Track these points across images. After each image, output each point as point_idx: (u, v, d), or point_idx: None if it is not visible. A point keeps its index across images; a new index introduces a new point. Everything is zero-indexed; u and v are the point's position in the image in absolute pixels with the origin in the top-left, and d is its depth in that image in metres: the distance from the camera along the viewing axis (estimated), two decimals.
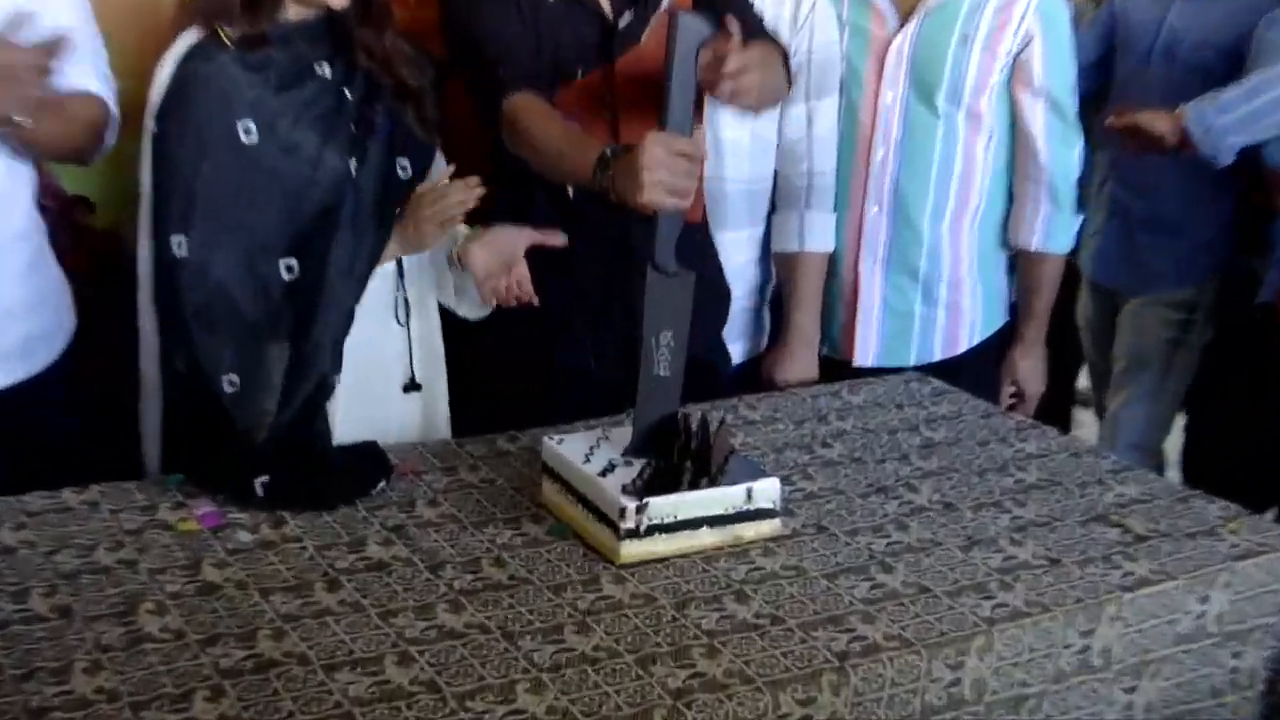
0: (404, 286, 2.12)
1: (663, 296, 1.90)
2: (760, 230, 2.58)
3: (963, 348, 2.67)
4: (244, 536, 1.80)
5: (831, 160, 2.51)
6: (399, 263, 2.09)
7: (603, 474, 1.83)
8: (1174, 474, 3.22)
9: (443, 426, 2.23)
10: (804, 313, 2.53)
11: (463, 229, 2.08)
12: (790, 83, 2.26)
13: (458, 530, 1.85)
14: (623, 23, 2.17)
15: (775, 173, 2.53)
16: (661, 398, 1.93)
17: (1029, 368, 2.69)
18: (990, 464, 2.15)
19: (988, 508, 1.99)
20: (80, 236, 2.32)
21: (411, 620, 1.62)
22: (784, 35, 2.38)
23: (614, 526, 1.77)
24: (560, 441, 1.92)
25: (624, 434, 1.94)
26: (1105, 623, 1.74)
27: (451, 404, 2.26)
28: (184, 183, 1.91)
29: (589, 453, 1.88)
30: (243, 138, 1.91)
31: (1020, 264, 2.67)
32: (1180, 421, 3.35)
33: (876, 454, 2.17)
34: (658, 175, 1.81)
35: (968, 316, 2.65)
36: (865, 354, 2.62)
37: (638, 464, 1.86)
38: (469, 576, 1.72)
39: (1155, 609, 1.78)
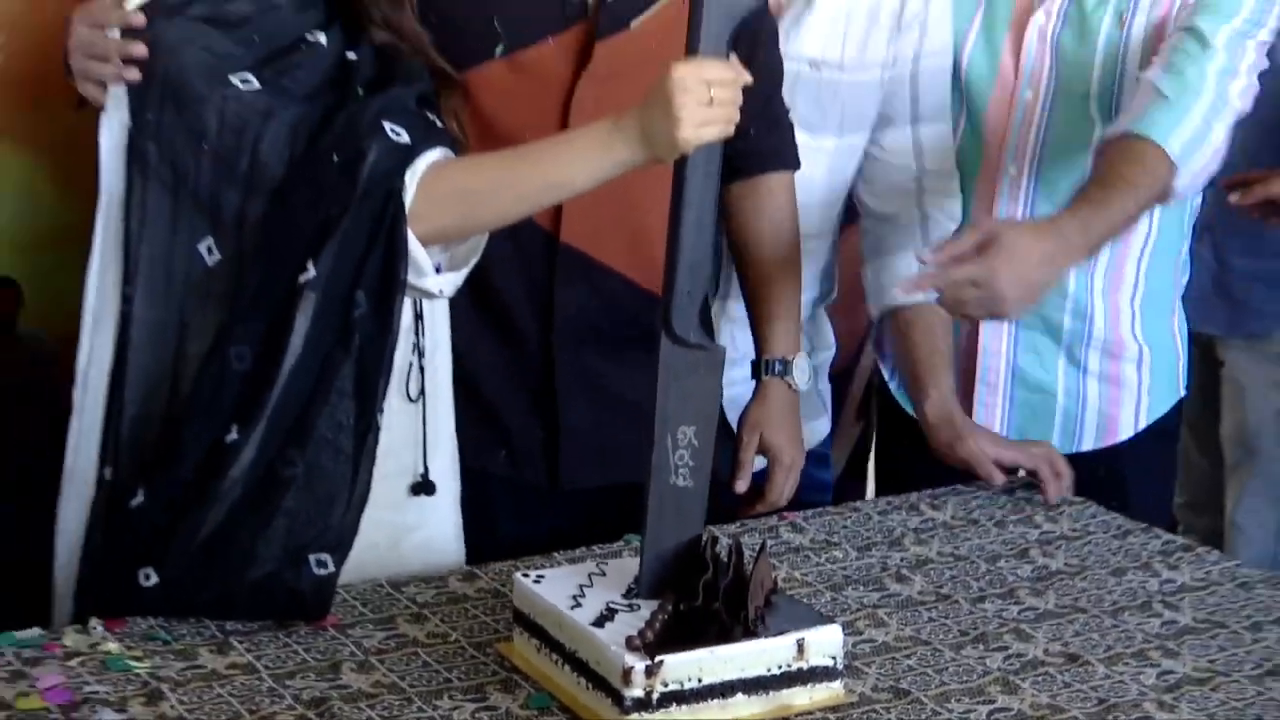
0: (424, 344, 2.20)
1: (682, 377, 1.94)
2: (814, 293, 2.73)
3: (1125, 434, 2.73)
4: (108, 716, 1.81)
5: (956, 203, 2.63)
6: (417, 311, 2.17)
7: (599, 623, 1.85)
8: None
9: (450, 543, 2.30)
10: (936, 373, 2.63)
11: None
12: None
13: (399, 704, 1.86)
14: None
15: (862, 212, 2.69)
16: (679, 517, 1.96)
17: None
18: (1129, 600, 2.19)
19: (1127, 660, 2.02)
20: None
21: None
22: (883, 37, 2.55)
23: (616, 695, 1.79)
24: (538, 579, 1.95)
25: (627, 568, 1.98)
26: None
27: None
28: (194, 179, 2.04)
29: (579, 594, 1.91)
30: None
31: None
32: None
33: (972, 590, 2.21)
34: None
35: (1132, 394, 2.72)
36: None
37: (646, 609, 1.88)
38: None
39: None
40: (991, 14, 2.64)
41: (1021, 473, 2.64)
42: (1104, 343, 2.70)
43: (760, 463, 2.58)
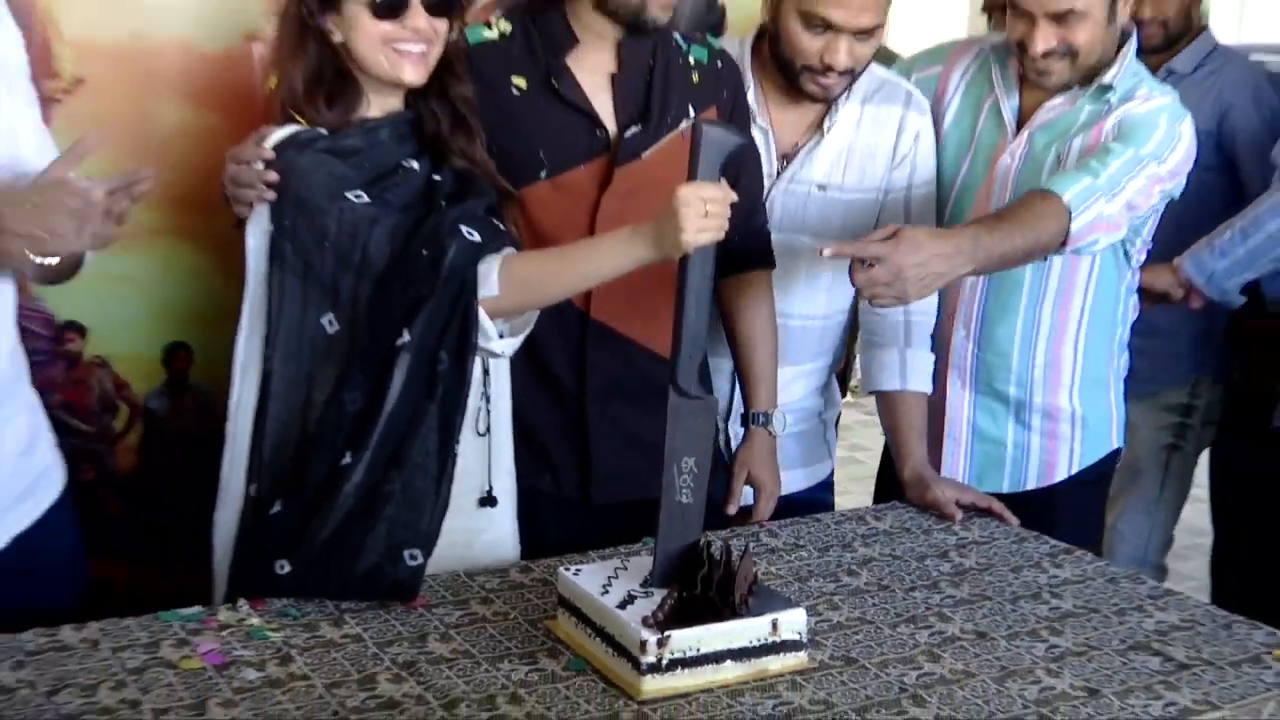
0: (491, 392, 2.18)
1: (685, 420, 1.95)
2: (827, 361, 2.68)
3: (1060, 476, 2.69)
4: (250, 674, 1.81)
5: (932, 301, 2.56)
6: (485, 367, 2.15)
7: (622, 606, 1.84)
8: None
9: (509, 541, 2.27)
10: (912, 444, 2.58)
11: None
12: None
13: (471, 666, 1.85)
14: (627, 135, 2.29)
15: (859, 308, 2.62)
16: (683, 526, 1.95)
17: None
18: (1024, 591, 2.17)
19: (1022, 637, 2.00)
20: (72, 366, 2.40)
21: None
22: (880, 169, 2.52)
23: (634, 661, 1.78)
24: (577, 572, 1.94)
25: (643, 564, 1.96)
26: None
27: None
28: (319, 269, 2.03)
29: (607, 584, 1.90)
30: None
31: None
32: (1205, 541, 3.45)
33: (905, 582, 2.19)
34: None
35: (1065, 445, 2.68)
36: (955, 478, 2.64)
37: (658, 595, 1.87)
38: (484, 715, 1.72)
39: None
40: (975, 156, 2.61)
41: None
42: (1044, 407, 2.66)
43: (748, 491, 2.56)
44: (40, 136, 2.05)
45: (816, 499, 2.75)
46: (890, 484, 2.76)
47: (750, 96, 2.51)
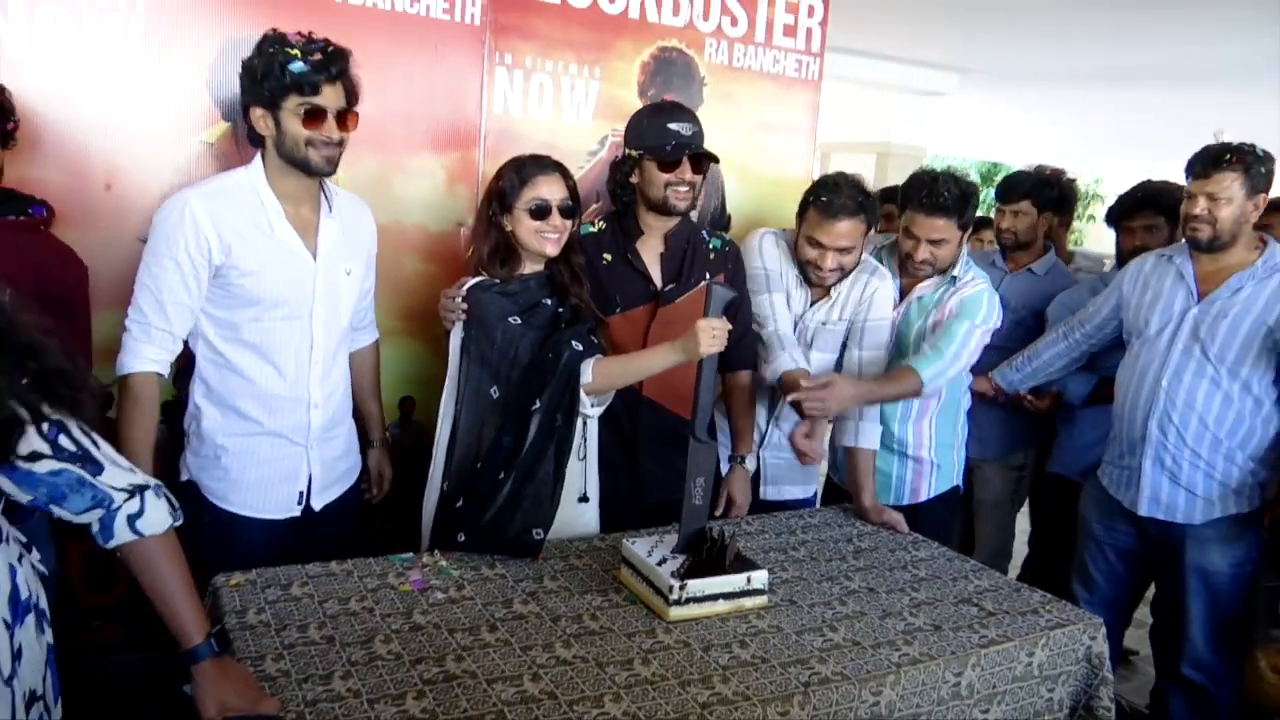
0: (586, 435, 2.14)
1: (698, 456, 1.95)
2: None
3: (923, 498, 2.66)
4: (439, 595, 1.84)
5: None
6: (583, 420, 2.10)
7: (659, 564, 1.86)
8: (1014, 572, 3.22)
9: (594, 523, 2.21)
10: (866, 482, 2.49)
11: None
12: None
13: (568, 595, 1.87)
14: (667, 289, 2.29)
15: None
16: (696, 517, 1.95)
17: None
18: (896, 564, 2.17)
19: (895, 592, 2.00)
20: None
21: (540, 652, 1.65)
22: (850, 310, 2.47)
23: (665, 597, 1.80)
24: (633, 542, 1.96)
25: (672, 539, 1.97)
26: (969, 668, 1.76)
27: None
28: (489, 361, 2.02)
29: (651, 550, 1.92)
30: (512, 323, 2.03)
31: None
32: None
33: (826, 555, 2.19)
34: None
35: (925, 479, 2.65)
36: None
37: (681, 558, 1.89)
38: (575, 626, 1.75)
39: (1000, 659, 1.80)
40: None
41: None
42: (913, 456, 2.64)
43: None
44: (369, 299, 2.19)
45: (809, 503, 2.69)
46: (828, 494, 2.76)
47: (784, 273, 2.47)
